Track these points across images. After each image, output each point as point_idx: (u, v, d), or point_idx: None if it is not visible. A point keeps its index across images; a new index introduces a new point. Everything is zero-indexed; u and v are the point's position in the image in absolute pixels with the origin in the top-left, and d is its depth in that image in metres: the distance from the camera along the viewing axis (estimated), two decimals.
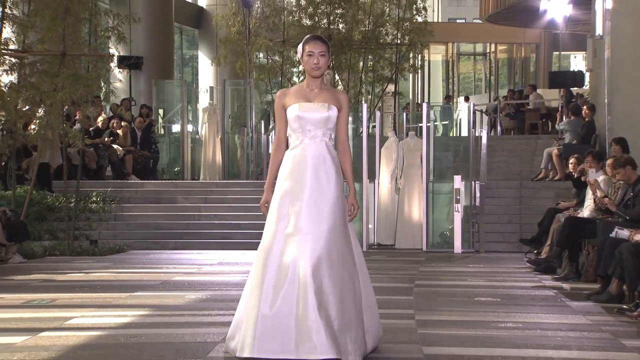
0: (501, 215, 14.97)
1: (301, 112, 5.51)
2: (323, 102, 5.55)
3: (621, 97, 15.18)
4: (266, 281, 5.30)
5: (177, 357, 5.58)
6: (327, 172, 5.47)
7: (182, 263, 11.94)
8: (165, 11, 23.72)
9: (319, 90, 5.61)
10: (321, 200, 5.39)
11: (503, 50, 41.91)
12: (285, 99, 5.62)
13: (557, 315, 7.63)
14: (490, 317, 7.37)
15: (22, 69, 13.57)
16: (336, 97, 5.62)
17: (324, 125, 5.53)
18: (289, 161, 5.53)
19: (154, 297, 8.59)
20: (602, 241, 8.85)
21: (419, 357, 5.64)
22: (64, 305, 7.96)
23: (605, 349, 6.07)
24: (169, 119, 21.83)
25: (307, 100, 5.56)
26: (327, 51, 5.59)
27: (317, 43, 5.58)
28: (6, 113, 13.89)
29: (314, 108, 5.53)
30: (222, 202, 15.78)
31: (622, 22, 15.20)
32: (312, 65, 5.55)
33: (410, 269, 11.45)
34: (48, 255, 12.83)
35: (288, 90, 5.76)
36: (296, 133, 5.56)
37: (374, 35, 22.36)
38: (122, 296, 8.58)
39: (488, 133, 16.85)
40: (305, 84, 5.68)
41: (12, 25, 13.52)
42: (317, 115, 5.53)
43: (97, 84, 14.67)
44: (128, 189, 16.13)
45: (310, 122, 5.52)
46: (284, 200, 5.43)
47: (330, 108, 5.53)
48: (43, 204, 14.56)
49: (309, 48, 5.57)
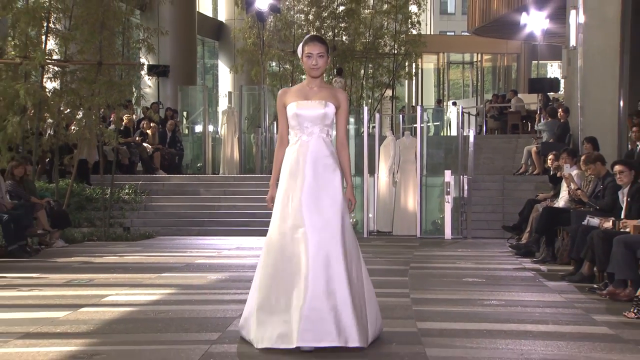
0: (486, 206, 14.96)
1: (299, 110, 5.14)
2: (320, 100, 5.16)
3: (592, 101, 15.18)
4: (272, 275, 4.99)
5: (200, 331, 5.59)
6: (325, 167, 5.08)
7: (204, 248, 11.96)
8: (189, 25, 23.72)
9: (318, 88, 5.21)
10: (321, 194, 5.01)
11: (488, 59, 41.85)
12: (285, 97, 5.23)
13: (536, 293, 7.63)
14: (477, 295, 7.38)
15: (64, 76, 13.59)
16: (335, 95, 5.23)
17: (320, 122, 5.14)
18: (288, 158, 5.17)
19: (179, 277, 8.61)
20: (575, 228, 8.84)
21: (413, 331, 5.64)
22: (101, 284, 7.98)
23: (578, 324, 6.08)
24: (192, 121, 21.83)
25: (306, 99, 5.17)
26: (325, 52, 5.18)
27: (316, 44, 5.17)
28: (50, 115, 13.94)
29: (311, 105, 5.14)
30: (239, 193, 15.79)
31: (593, 35, 15.19)
32: (310, 66, 5.16)
33: (406, 253, 11.46)
34: (87, 240, 12.86)
35: (289, 90, 5.34)
36: (294, 130, 5.19)
37: (374, 46, 22.34)
38: (152, 277, 8.61)
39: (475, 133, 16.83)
40: (305, 83, 5.30)
41: (56, 38, 13.54)
42: (314, 112, 5.14)
43: (129, 90, 14.68)
44: (156, 182, 16.14)
45: (308, 119, 5.13)
46: (286, 196, 5.07)
47: (327, 105, 5.15)
48: (82, 195, 14.59)
49: (308, 49, 5.17)
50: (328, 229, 4.93)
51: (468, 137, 15.87)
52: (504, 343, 5.27)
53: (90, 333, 5.56)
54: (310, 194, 5.01)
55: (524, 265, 9.98)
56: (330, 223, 4.95)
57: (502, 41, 34.85)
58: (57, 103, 13.54)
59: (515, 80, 38.64)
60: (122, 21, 13.95)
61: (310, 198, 5.00)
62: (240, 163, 18.85)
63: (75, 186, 14.27)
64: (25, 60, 12.79)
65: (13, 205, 11.10)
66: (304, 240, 4.90)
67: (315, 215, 4.96)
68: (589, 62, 15.24)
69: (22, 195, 11.57)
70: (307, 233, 4.91)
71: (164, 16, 21.28)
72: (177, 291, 7.62)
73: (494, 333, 5.59)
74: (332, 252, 4.88)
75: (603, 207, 9.05)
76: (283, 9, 21.30)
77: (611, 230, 7.91)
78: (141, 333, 5.56)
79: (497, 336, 5.49)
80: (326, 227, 4.94)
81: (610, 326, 5.94)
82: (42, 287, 7.79)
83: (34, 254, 10.85)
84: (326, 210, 4.98)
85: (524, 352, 4.99)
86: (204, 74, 29.62)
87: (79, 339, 5.33)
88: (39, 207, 11.66)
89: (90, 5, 13.18)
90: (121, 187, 15.07)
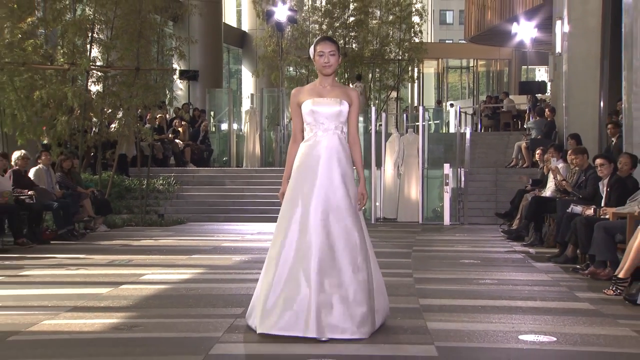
0: (481, 195, 14.91)
1: (314, 107, 4.76)
2: (335, 98, 4.80)
3: (575, 102, 15.14)
4: (281, 264, 4.56)
5: (226, 306, 5.61)
6: (339, 162, 4.71)
7: (229, 232, 11.98)
8: (216, 34, 23.73)
9: (331, 87, 4.85)
10: (333, 188, 4.63)
11: (482, 64, 41.66)
12: (299, 96, 4.85)
13: (525, 273, 7.62)
14: (472, 275, 7.37)
15: (106, 80, 13.64)
16: (347, 93, 4.88)
17: (336, 118, 4.77)
18: (302, 151, 4.80)
19: (208, 259, 8.64)
20: (560, 215, 8.82)
21: (416, 307, 5.64)
22: (138, 265, 8.01)
23: (563, 300, 6.06)
24: (218, 119, 21.84)
25: (320, 96, 4.81)
26: (337, 50, 4.82)
27: (327, 43, 4.82)
28: (94, 115, 13.99)
29: (326, 103, 4.78)
30: (261, 184, 15.80)
31: (576, 43, 15.15)
32: (322, 64, 4.79)
33: (409, 237, 11.45)
34: (126, 225, 12.91)
35: (302, 88, 4.95)
36: (310, 126, 4.79)
37: (380, 53, 22.26)
38: (183, 258, 8.64)
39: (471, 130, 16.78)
40: (318, 82, 4.90)
41: (99, 46, 13.56)
42: (330, 109, 4.77)
43: (163, 92, 14.76)
44: (187, 174, 16.17)
45: (323, 116, 4.76)
46: (297, 188, 4.69)
47: (342, 103, 4.79)
48: (122, 186, 14.64)
49: (319, 48, 4.79)
50: (339, 221, 4.58)
51: (465, 134, 15.81)
52: (496, 317, 5.27)
53: (130, 307, 5.59)
54: (322, 187, 4.63)
55: (514, 248, 9.95)
56: (341, 215, 4.59)
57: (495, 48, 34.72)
58: (100, 104, 13.59)
59: (507, 83, 38.47)
60: (157, 31, 13.97)
61: (323, 191, 4.62)
62: (261, 157, 18.88)
63: (115, 178, 14.32)
64: (73, 67, 12.85)
65: (62, 195, 11.18)
66: (313, 231, 4.53)
67: (328, 209, 4.58)
68: (573, 67, 15.20)
69: (70, 186, 11.64)
70: (317, 225, 4.53)
71: (194, 26, 21.29)
72: (205, 271, 7.64)
73: (488, 308, 5.58)
74: (341, 243, 4.53)
75: (585, 196, 9.01)
76: (299, 20, 21.27)
77: (592, 216, 7.88)
78: (174, 307, 5.58)
79: (490, 311, 5.48)
80: (337, 219, 4.58)
81: (592, 302, 5.92)
82: (88, 267, 7.85)
83: (81, 238, 10.92)
84: (338, 203, 4.60)
85: (514, 325, 4.99)
86: (229, 78, 29.62)
87: (120, 312, 5.37)
88: (85, 196, 11.73)
89: (129, 17, 13.22)
90: (156, 178, 15.12)
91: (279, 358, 4.20)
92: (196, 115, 19.31)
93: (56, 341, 4.51)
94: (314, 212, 4.57)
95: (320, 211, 4.57)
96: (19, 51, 12.34)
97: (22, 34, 12.40)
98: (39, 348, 4.31)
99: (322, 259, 4.47)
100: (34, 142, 12.88)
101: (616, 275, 6.37)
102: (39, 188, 10.75)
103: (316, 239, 4.51)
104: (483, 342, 4.52)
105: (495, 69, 41.07)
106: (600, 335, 4.73)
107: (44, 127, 12.95)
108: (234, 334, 4.66)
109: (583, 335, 4.74)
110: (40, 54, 12.79)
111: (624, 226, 6.98)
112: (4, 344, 4.41)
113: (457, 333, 4.71)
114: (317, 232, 4.53)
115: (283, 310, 4.44)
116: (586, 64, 14.89)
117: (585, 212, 8.12)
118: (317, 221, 4.55)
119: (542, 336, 4.66)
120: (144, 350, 4.25)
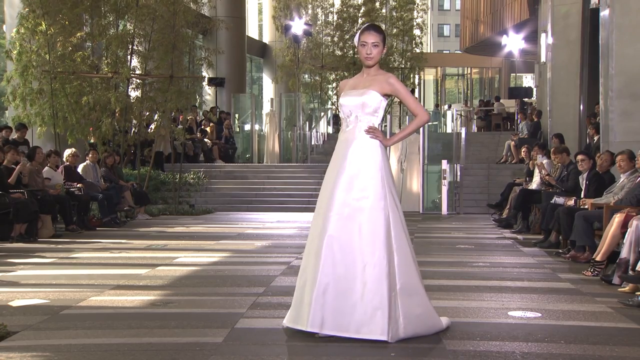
0: (475, 188, 14.87)
1: (341, 99, 4.05)
2: (364, 89, 4.01)
3: (558, 106, 15.11)
4: (306, 256, 3.93)
5: (250, 286, 5.61)
6: (363, 153, 3.93)
7: (252, 221, 12.00)
8: (240, 46, 23.71)
9: (370, 77, 4.06)
10: (359, 180, 3.89)
11: (476, 72, 41.52)
12: (342, 89, 4.15)
13: (514, 257, 7.60)
14: (467, 258, 7.36)
15: (144, 87, 13.69)
16: (387, 81, 4.02)
17: (361, 110, 3.97)
18: (337, 144, 4.07)
19: (233, 244, 8.65)
20: (545, 205, 8.79)
21: None
22: (173, 249, 8.05)
23: (547, 280, 6.04)
24: (242, 121, 21.86)
25: (354, 88, 4.06)
26: (381, 42, 4.01)
27: (371, 33, 4.01)
28: (134, 117, 14.06)
29: (352, 94, 4.02)
30: (280, 178, 15.82)
31: (559, 53, 15.10)
32: (364, 55, 4.03)
33: (411, 225, 11.35)
34: (161, 214, 12.97)
35: (347, 81, 4.20)
36: (342, 119, 4.08)
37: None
38: (211, 243, 8.67)
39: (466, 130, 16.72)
40: (361, 73, 4.14)
41: (138, 57, 13.63)
42: (353, 101, 3.99)
43: (194, 97, 14.75)
44: (215, 169, 16.20)
45: (349, 108, 4.00)
46: (328, 181, 3.97)
47: (366, 93, 3.98)
48: (158, 179, 14.69)
49: (362, 38, 4.01)
50: (361, 215, 3.85)
51: (460, 134, 15.77)
52: (488, 296, 5.26)
53: (165, 286, 5.61)
54: (346, 178, 3.90)
55: (504, 235, 9.93)
56: (363, 211, 3.86)
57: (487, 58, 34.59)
58: (139, 108, 13.66)
59: (498, 88, 38.30)
60: (189, 43, 13.99)
61: (348, 183, 3.88)
62: (280, 154, 18.88)
63: (152, 172, 14.37)
64: (115, 75, 12.94)
65: (106, 187, 11.25)
66: (340, 224, 3.82)
67: (354, 200, 3.86)
68: (556, 75, 15.15)
69: (113, 179, 11.71)
70: (337, 220, 3.83)
71: (221, 39, 21.30)
72: (231, 255, 7.66)
73: (481, 288, 5.57)
74: (358, 243, 3.82)
75: (567, 189, 8.98)
76: (314, 33, 21.24)
77: (573, 207, 7.86)
78: (203, 287, 5.59)
79: (483, 290, 5.47)
80: (358, 213, 3.85)
81: (572, 282, 5.90)
82: (128, 250, 7.90)
83: (122, 225, 10.98)
84: (362, 196, 3.87)
85: (504, 303, 4.98)
86: (251, 84, 29.63)
87: (157, 291, 5.39)
88: (126, 188, 11.80)
89: (164, 31, 13.28)
90: (187, 173, 15.16)
91: (296, 332, 4.22)
92: (222, 117, 19.35)
93: (101, 315, 4.55)
94: (327, 211, 3.86)
95: (341, 208, 3.86)
96: (69, 62, 12.53)
97: (72, 47, 12.58)
98: (87, 320, 4.35)
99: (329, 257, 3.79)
100: (82, 141, 12.99)
101: (594, 259, 6.35)
102: (87, 181, 10.84)
103: (333, 237, 3.81)
104: (476, 318, 4.51)
105: (487, 76, 40.91)
106: (580, 311, 4.71)
107: (91, 128, 13.05)
108: (256, 310, 4.68)
109: (565, 311, 4.73)
110: (87, 64, 12.89)
111: (601, 215, 6.95)
112: (57, 316, 4.46)
113: (454, 310, 4.71)
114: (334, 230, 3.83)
115: (300, 305, 3.87)
116: (568, 72, 14.85)
117: (567, 202, 8.10)
118: (335, 217, 3.84)
119: (529, 312, 4.65)
120: (177, 323, 4.27)
